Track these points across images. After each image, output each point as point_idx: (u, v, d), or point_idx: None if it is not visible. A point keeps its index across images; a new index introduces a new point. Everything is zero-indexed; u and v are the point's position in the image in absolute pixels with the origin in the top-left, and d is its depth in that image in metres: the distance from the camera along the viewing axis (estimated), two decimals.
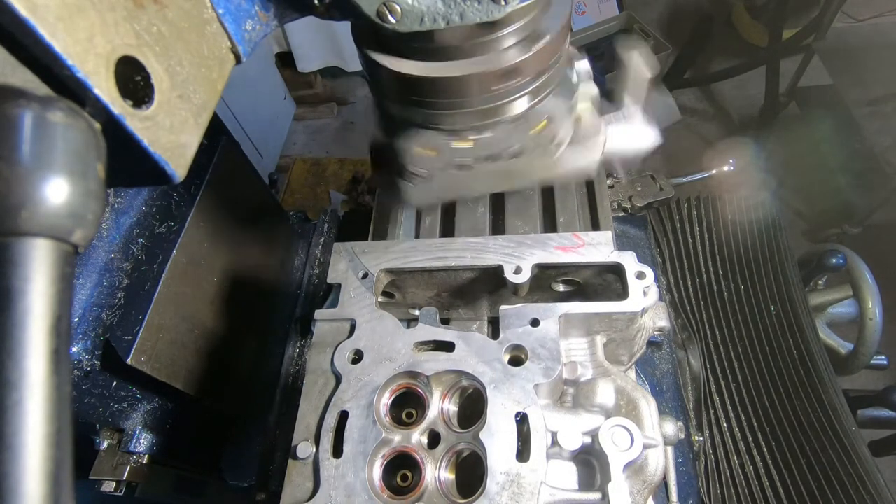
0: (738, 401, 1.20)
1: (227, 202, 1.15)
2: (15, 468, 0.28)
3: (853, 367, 1.53)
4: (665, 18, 3.90)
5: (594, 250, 0.74)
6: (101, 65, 0.36)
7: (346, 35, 0.66)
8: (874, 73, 2.52)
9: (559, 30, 0.65)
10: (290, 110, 3.71)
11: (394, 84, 0.67)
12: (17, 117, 0.30)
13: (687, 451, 1.09)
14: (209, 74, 0.48)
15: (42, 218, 0.31)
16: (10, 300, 0.30)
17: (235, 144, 1.21)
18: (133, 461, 0.99)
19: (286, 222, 1.46)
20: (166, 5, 0.43)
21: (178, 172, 0.44)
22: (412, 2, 0.49)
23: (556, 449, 0.62)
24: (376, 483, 0.62)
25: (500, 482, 0.59)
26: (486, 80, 0.63)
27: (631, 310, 0.69)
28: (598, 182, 1.02)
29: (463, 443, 0.64)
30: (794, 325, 1.27)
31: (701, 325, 1.29)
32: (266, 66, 3.39)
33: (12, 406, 0.29)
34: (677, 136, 3.35)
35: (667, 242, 1.40)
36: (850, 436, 1.12)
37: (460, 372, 0.67)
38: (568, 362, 0.68)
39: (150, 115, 0.40)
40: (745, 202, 1.46)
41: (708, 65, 3.56)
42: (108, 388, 0.93)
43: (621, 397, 0.67)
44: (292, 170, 3.29)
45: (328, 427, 0.65)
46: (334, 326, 0.75)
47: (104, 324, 0.90)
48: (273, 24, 0.56)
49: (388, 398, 0.68)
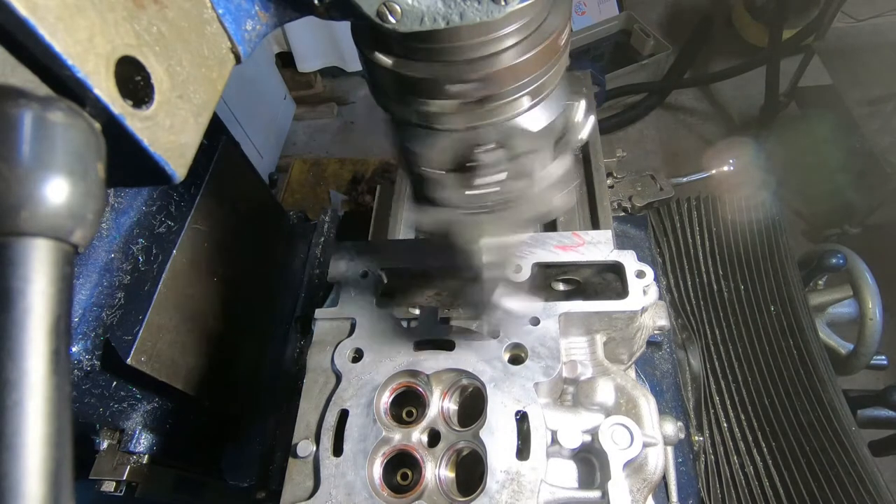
0: (738, 401, 1.19)
1: (227, 202, 1.15)
2: (15, 468, 0.28)
3: (853, 367, 1.53)
4: (665, 18, 3.90)
5: (594, 249, 0.74)
6: (101, 65, 0.36)
7: (346, 35, 0.65)
8: (874, 73, 2.52)
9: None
10: (290, 110, 3.71)
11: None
12: (17, 117, 0.30)
13: (687, 451, 1.09)
14: (209, 74, 0.48)
15: (42, 218, 0.31)
16: (10, 300, 0.30)
17: (235, 144, 1.21)
18: (133, 461, 0.99)
19: (286, 222, 1.46)
20: (166, 5, 0.43)
21: (178, 172, 0.44)
22: (412, 2, 0.49)
23: (556, 447, 0.62)
24: (376, 481, 0.62)
25: (500, 480, 0.59)
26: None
27: (631, 308, 0.69)
28: (597, 181, 1.02)
29: (463, 441, 0.64)
30: (794, 325, 1.27)
31: (701, 325, 1.29)
32: (266, 66, 3.39)
33: (12, 406, 0.29)
34: (677, 136, 3.36)
35: (667, 242, 1.40)
36: (850, 436, 1.12)
37: (460, 370, 0.67)
38: (568, 361, 0.68)
39: (150, 115, 0.40)
40: (745, 202, 1.46)
41: (708, 65, 3.56)
42: (108, 388, 0.93)
43: (621, 396, 0.67)
44: (292, 170, 3.29)
45: (328, 425, 0.65)
46: (334, 325, 0.75)
47: (104, 324, 0.90)
48: (273, 24, 0.55)
49: (388, 397, 0.68)
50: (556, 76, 0.58)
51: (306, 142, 3.68)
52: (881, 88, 2.46)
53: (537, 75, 0.55)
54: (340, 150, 3.55)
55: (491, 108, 0.55)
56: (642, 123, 3.39)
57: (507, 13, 0.49)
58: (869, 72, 2.54)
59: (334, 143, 3.63)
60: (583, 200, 1.01)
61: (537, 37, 0.54)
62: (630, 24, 3.58)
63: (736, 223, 1.42)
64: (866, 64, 2.58)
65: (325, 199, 3.10)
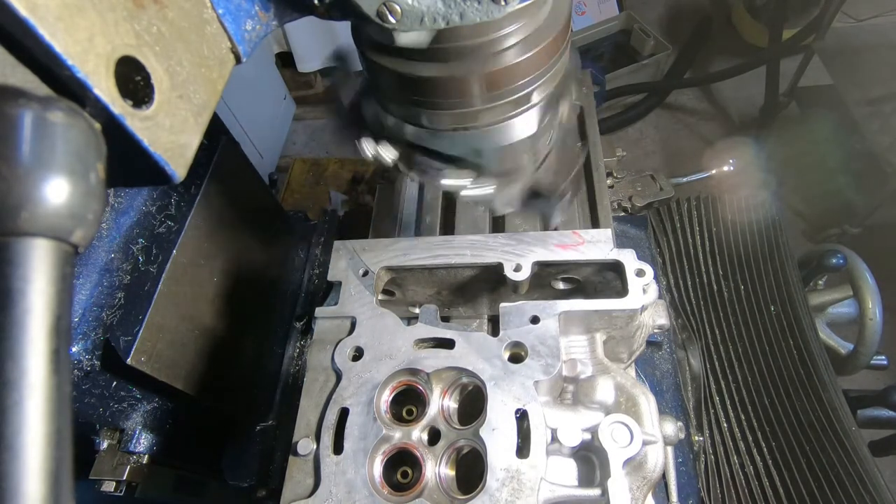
0: (738, 401, 1.19)
1: (226, 202, 1.15)
2: (15, 468, 0.28)
3: (853, 367, 1.53)
4: (665, 18, 3.90)
5: (594, 248, 0.74)
6: (101, 65, 0.36)
7: (346, 35, 0.65)
8: (874, 73, 2.52)
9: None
10: (290, 110, 3.71)
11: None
12: (17, 117, 0.30)
13: (687, 451, 1.09)
14: (209, 74, 0.48)
15: (42, 218, 0.31)
16: (10, 300, 0.30)
17: (235, 144, 1.21)
18: (133, 461, 0.99)
19: (286, 222, 1.46)
20: (166, 5, 0.43)
21: (178, 172, 0.44)
22: (412, 2, 0.49)
23: (555, 445, 0.62)
24: (377, 479, 0.62)
25: (500, 478, 0.59)
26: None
27: (630, 307, 0.69)
28: (597, 180, 1.02)
29: (463, 439, 0.65)
30: (794, 325, 1.27)
31: (701, 325, 1.29)
32: (266, 66, 3.39)
33: (12, 406, 0.29)
34: (677, 136, 3.35)
35: (667, 242, 1.40)
36: (850, 436, 1.12)
37: (460, 369, 0.68)
38: (568, 359, 0.68)
39: (150, 115, 0.41)
40: (745, 202, 1.46)
41: (708, 65, 3.55)
42: (108, 388, 0.93)
43: (621, 394, 0.67)
44: (292, 170, 3.29)
45: (329, 424, 0.65)
46: (335, 324, 0.75)
47: (104, 324, 0.90)
48: (273, 24, 0.56)
49: (388, 395, 0.68)
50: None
51: (306, 142, 3.68)
52: (881, 88, 2.46)
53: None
54: (340, 150, 3.55)
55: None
56: (642, 123, 3.39)
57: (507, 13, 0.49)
58: (869, 72, 2.53)
59: (334, 143, 3.63)
60: (583, 200, 1.01)
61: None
62: (630, 24, 3.58)
63: (736, 223, 1.42)
64: (866, 64, 2.58)
65: (325, 199, 3.10)
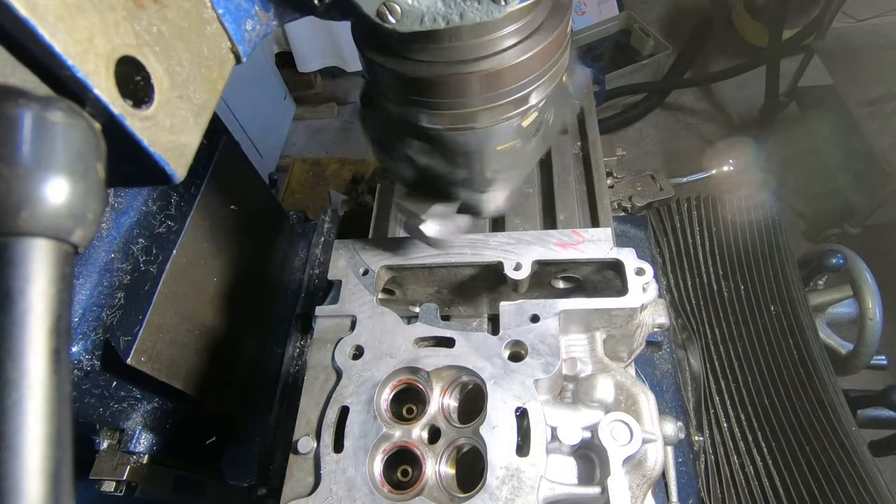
0: (738, 401, 1.19)
1: (227, 202, 1.15)
2: (15, 468, 0.28)
3: (853, 367, 1.53)
4: (665, 18, 3.90)
5: (594, 247, 0.74)
6: (101, 65, 0.36)
7: (346, 35, 0.65)
8: (874, 73, 2.52)
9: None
10: (290, 110, 3.71)
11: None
12: (17, 117, 0.30)
13: (687, 451, 1.09)
14: (209, 74, 0.48)
15: (42, 218, 0.31)
16: (10, 300, 0.30)
17: (235, 144, 1.21)
18: (133, 461, 0.99)
19: (286, 222, 1.46)
20: (166, 5, 0.43)
21: (178, 172, 0.44)
22: (412, 2, 0.49)
23: (555, 444, 0.62)
24: (377, 477, 0.62)
25: (501, 476, 0.59)
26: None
27: (630, 305, 0.70)
28: (597, 179, 1.02)
29: (463, 438, 0.65)
30: (794, 325, 1.27)
31: (701, 325, 1.28)
32: (266, 66, 3.39)
33: (12, 406, 0.29)
34: (677, 136, 3.35)
35: (667, 242, 1.40)
36: (850, 436, 1.12)
37: (460, 367, 0.68)
38: (567, 358, 0.69)
39: (150, 115, 0.41)
40: (745, 202, 1.45)
41: (708, 65, 3.55)
42: (108, 388, 0.93)
43: (620, 393, 0.67)
44: (292, 170, 3.29)
45: (329, 422, 0.65)
46: (335, 323, 0.75)
47: (104, 324, 0.90)
48: (273, 24, 0.56)
49: (388, 393, 0.68)
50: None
51: (306, 142, 3.68)
52: (881, 88, 2.46)
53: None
54: (340, 150, 3.55)
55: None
56: (642, 123, 3.39)
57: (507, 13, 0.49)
58: (869, 72, 2.54)
59: (334, 143, 3.63)
60: (583, 199, 1.01)
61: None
62: (630, 24, 3.58)
63: (736, 223, 1.42)
64: (866, 64, 2.58)
65: (325, 199, 3.10)
